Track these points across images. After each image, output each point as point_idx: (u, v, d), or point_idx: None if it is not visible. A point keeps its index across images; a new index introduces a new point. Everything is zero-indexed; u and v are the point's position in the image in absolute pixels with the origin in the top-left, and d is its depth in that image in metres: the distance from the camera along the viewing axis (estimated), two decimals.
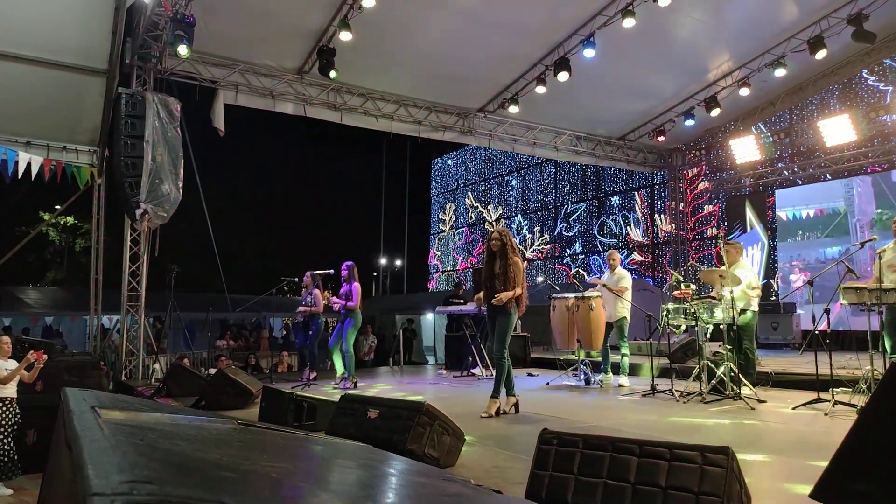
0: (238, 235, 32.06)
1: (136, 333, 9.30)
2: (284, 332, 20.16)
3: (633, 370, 8.31)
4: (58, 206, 16.20)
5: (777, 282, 13.40)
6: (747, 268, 7.14)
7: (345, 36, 8.93)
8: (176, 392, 7.04)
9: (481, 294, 5.94)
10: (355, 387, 7.72)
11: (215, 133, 9.94)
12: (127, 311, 9.20)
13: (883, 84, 12.06)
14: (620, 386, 7.67)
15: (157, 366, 10.29)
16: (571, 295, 7.92)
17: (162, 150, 8.71)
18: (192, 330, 15.12)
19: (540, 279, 20.62)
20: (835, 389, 5.77)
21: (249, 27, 9.25)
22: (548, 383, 8.07)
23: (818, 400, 5.81)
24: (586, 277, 18.20)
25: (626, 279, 8.07)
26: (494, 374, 5.89)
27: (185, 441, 1.14)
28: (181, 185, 8.95)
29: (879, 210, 11.59)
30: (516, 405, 5.72)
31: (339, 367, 8.16)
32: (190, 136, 9.24)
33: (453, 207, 25.97)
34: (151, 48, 8.92)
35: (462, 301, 10.58)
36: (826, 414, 5.45)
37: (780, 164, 13.64)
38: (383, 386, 8.43)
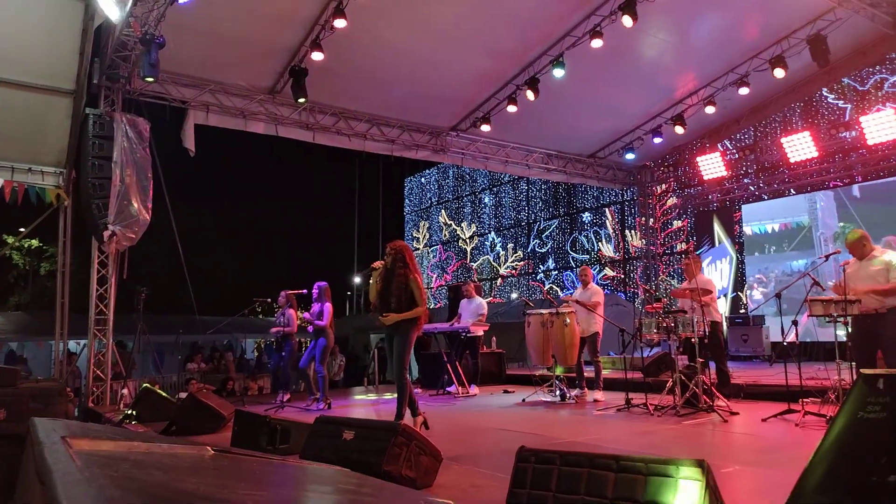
0: (209, 256, 31.62)
1: (103, 358, 9.09)
2: (257, 354, 19.88)
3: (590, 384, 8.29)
4: (22, 229, 15.82)
5: (746, 295, 13.64)
6: (705, 280, 7.27)
7: (316, 56, 8.95)
8: (145, 417, 6.88)
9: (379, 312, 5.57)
10: (329, 408, 7.63)
11: (185, 153, 9.84)
12: (94, 335, 8.99)
13: (842, 102, 12.45)
14: (595, 401, 7.72)
15: (125, 391, 10.04)
16: (546, 311, 7.97)
17: (130, 170, 8.59)
18: (162, 353, 14.81)
19: (514, 295, 20.69)
20: (804, 400, 5.88)
21: (220, 47, 9.20)
22: (524, 400, 8.08)
23: (788, 411, 5.91)
24: (560, 294, 18.34)
25: (599, 294, 8.17)
26: (397, 395, 5.54)
27: (160, 470, 1.11)
28: (150, 206, 8.81)
29: (842, 224, 11.90)
30: (425, 423, 5.49)
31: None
32: (160, 156, 9.13)
33: (427, 225, 26.00)
34: (120, 68, 8.81)
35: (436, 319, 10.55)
36: (797, 424, 5.54)
37: (745, 180, 13.95)
38: (358, 406, 8.34)
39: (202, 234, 31.07)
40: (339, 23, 8.36)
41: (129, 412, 6.96)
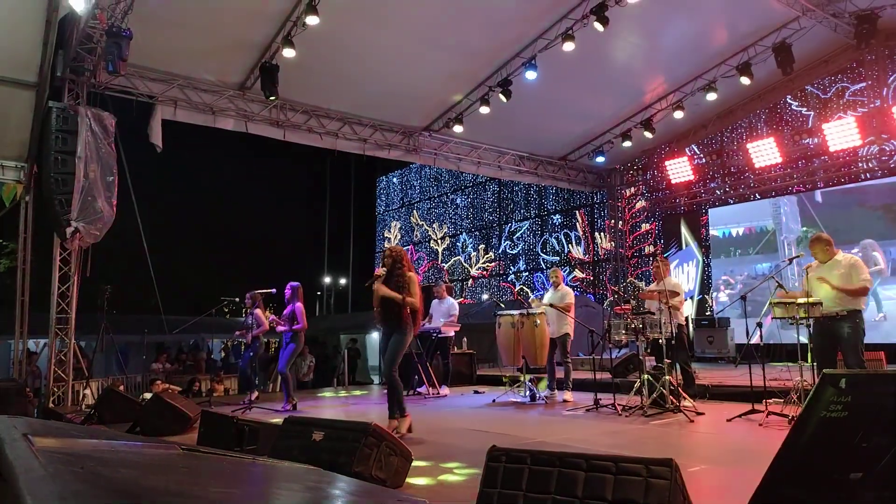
0: (175, 254, 30.99)
1: (64, 358, 8.86)
2: (223, 355, 19.59)
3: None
4: None
5: (712, 297, 13.88)
6: (674, 283, 7.41)
7: (288, 53, 8.86)
8: (108, 418, 6.72)
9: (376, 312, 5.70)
10: (294, 409, 7.56)
11: (152, 149, 9.65)
12: (56, 333, 8.76)
13: (805, 109, 12.76)
14: (565, 401, 7.78)
15: (87, 391, 9.81)
16: (516, 312, 8.00)
17: (95, 166, 8.40)
18: (126, 353, 14.49)
19: (485, 296, 20.74)
20: (768, 400, 6.00)
21: (189, 41, 9.05)
22: (494, 400, 8.10)
23: (752, 411, 6.02)
24: (531, 295, 18.45)
25: (570, 296, 8.24)
26: (387, 393, 5.63)
27: (127, 468, 1.08)
28: (115, 202, 8.63)
29: (805, 228, 12.19)
30: (409, 425, 5.53)
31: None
32: (125, 151, 8.94)
33: (398, 225, 25.91)
34: (85, 61, 8.60)
35: None
36: (760, 424, 5.65)
37: (712, 185, 14.20)
38: (328, 407, 8.28)
39: (169, 232, 30.47)
40: (312, 19, 8.29)
41: (91, 412, 6.79)
